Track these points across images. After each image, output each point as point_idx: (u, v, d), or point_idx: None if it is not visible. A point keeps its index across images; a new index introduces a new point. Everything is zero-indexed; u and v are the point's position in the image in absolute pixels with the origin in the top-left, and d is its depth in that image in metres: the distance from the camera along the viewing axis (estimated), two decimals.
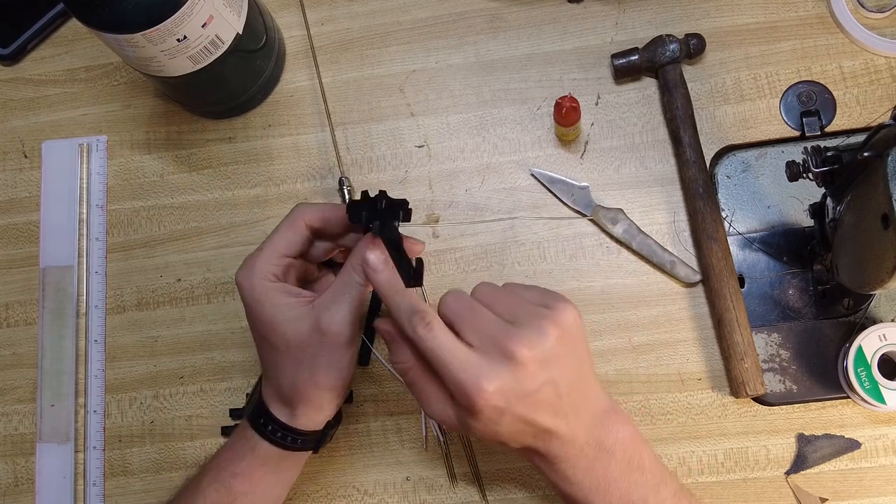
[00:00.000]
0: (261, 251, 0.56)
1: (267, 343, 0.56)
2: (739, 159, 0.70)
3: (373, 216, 0.54)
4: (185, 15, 0.60)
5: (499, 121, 0.73)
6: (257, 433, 0.57)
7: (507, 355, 0.48)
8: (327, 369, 0.55)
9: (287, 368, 0.55)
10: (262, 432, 0.56)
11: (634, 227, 0.69)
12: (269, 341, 0.56)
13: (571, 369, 0.51)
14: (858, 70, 0.70)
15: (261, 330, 0.56)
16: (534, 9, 0.74)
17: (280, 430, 0.56)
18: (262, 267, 0.55)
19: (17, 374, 0.74)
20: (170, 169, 0.76)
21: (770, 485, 0.66)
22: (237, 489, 0.56)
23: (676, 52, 0.69)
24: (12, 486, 0.72)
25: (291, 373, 0.55)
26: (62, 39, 0.79)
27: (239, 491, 0.56)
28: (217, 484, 0.56)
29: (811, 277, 0.67)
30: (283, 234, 0.56)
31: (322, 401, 0.56)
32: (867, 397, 0.62)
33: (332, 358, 0.55)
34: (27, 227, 0.76)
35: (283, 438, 0.56)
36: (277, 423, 0.56)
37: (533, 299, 0.52)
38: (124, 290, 0.74)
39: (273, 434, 0.56)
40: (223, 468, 0.57)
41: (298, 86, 0.76)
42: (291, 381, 0.55)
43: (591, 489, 0.52)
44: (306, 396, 0.56)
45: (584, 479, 0.52)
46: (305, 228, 0.57)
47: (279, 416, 0.56)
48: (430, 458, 0.69)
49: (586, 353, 0.53)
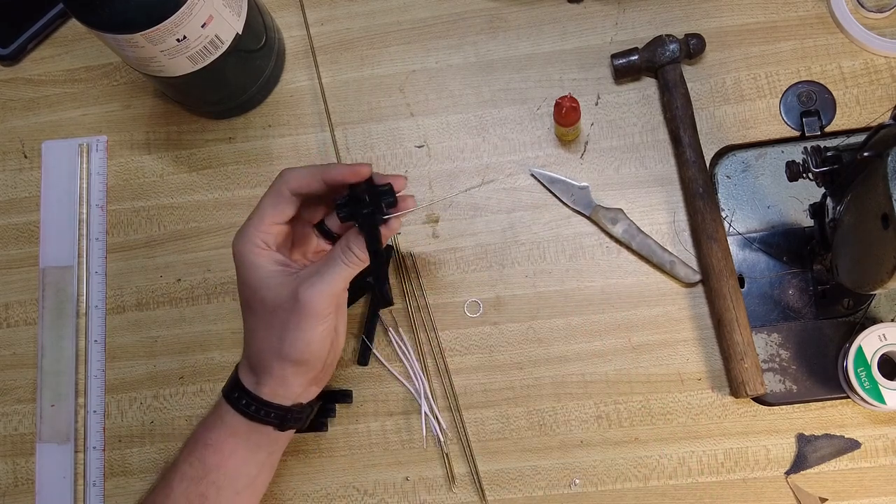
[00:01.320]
0: (250, 219, 0.58)
1: (248, 308, 0.58)
2: (739, 159, 0.70)
3: (357, 212, 0.58)
4: (184, 15, 0.60)
5: (499, 121, 0.73)
6: (227, 402, 0.58)
7: None
8: (293, 340, 0.56)
9: (259, 333, 0.57)
10: (230, 400, 0.58)
11: (634, 227, 0.69)
12: (250, 306, 0.58)
13: None
14: (858, 70, 0.70)
15: (245, 293, 0.58)
16: (534, 9, 0.74)
17: (244, 398, 0.57)
18: (252, 234, 0.57)
19: (17, 374, 0.74)
20: (170, 169, 0.76)
21: (770, 485, 0.66)
22: (209, 462, 0.57)
23: (676, 52, 0.69)
24: (12, 486, 0.72)
25: (261, 339, 0.57)
26: (62, 39, 0.79)
27: (211, 464, 0.57)
28: (192, 458, 0.57)
29: (811, 277, 0.67)
30: (268, 203, 0.58)
31: (285, 373, 0.57)
32: (867, 397, 0.62)
33: (301, 327, 0.55)
34: (27, 227, 0.76)
35: (246, 406, 0.57)
36: (244, 390, 0.57)
37: None
38: (124, 290, 0.74)
39: (238, 402, 0.57)
40: (197, 440, 0.58)
41: (298, 86, 0.76)
42: (259, 347, 0.57)
43: None
44: (269, 365, 0.57)
45: None
46: (290, 195, 0.58)
47: (247, 384, 0.57)
48: (430, 458, 0.69)
49: None
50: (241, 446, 0.58)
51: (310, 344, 0.56)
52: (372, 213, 0.58)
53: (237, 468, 0.58)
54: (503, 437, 0.68)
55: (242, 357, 0.60)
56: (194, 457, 0.57)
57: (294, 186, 0.58)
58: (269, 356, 0.56)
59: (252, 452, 0.58)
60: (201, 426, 0.59)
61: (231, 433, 0.57)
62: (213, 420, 0.58)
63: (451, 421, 0.69)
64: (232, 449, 0.57)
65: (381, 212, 0.58)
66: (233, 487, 0.57)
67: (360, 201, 0.58)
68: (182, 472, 0.57)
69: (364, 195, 0.58)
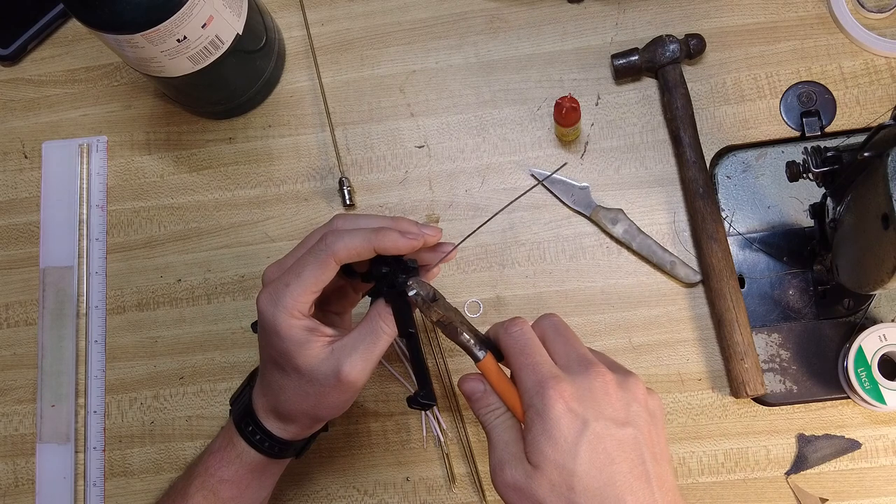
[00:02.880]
0: (288, 285, 0.52)
1: (277, 368, 0.54)
2: (739, 159, 0.70)
3: (381, 287, 0.54)
4: (184, 15, 0.60)
5: (499, 121, 0.73)
6: (245, 441, 0.57)
7: (586, 370, 0.49)
8: (331, 406, 0.55)
9: (290, 393, 0.54)
10: (250, 441, 0.56)
11: (634, 227, 0.69)
12: (280, 367, 0.54)
13: (653, 437, 0.49)
14: (858, 70, 0.70)
15: (274, 356, 0.54)
16: (534, 9, 0.74)
17: (268, 440, 0.56)
18: (289, 303, 0.52)
19: (17, 375, 0.74)
20: (170, 169, 0.76)
21: (770, 485, 0.66)
22: (224, 495, 0.56)
23: (676, 53, 0.69)
24: (12, 486, 0.72)
25: (295, 399, 0.54)
26: (62, 40, 0.79)
27: (226, 496, 0.56)
28: (205, 490, 0.56)
29: (811, 277, 0.67)
30: (311, 273, 0.52)
31: (317, 424, 0.57)
32: (867, 397, 0.62)
33: (341, 399, 0.54)
34: (27, 228, 0.76)
35: (270, 448, 0.56)
36: (266, 433, 0.56)
37: None
38: (124, 290, 0.74)
39: (261, 444, 0.56)
40: (211, 474, 0.57)
41: (298, 86, 0.76)
42: (293, 406, 0.55)
43: None
44: (303, 421, 0.56)
45: None
46: (336, 264, 0.53)
47: (270, 428, 0.56)
48: (430, 458, 0.69)
49: (664, 442, 0.50)
50: (257, 479, 0.58)
51: (345, 407, 0.56)
52: (397, 289, 0.53)
53: (251, 497, 0.58)
54: None
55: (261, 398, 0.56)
56: (208, 489, 0.56)
57: (342, 258, 0.52)
58: (305, 415, 0.55)
59: (265, 480, 0.59)
60: (215, 458, 0.57)
61: (249, 470, 0.57)
62: (230, 456, 0.57)
63: (451, 421, 0.69)
64: (248, 483, 0.57)
65: (405, 284, 0.53)
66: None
67: (382, 276, 0.54)
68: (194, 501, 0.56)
69: (387, 269, 0.54)
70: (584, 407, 0.47)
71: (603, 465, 0.47)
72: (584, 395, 0.48)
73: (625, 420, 0.48)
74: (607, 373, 0.49)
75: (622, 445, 0.47)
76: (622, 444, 0.47)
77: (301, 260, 0.53)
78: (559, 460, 0.47)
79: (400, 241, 0.52)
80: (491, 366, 0.52)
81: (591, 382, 0.48)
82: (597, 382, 0.48)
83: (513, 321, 0.53)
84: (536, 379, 0.49)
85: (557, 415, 0.47)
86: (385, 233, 0.53)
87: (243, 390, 0.60)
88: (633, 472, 0.47)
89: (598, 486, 0.46)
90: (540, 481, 0.47)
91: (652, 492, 0.47)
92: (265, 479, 0.59)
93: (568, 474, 0.47)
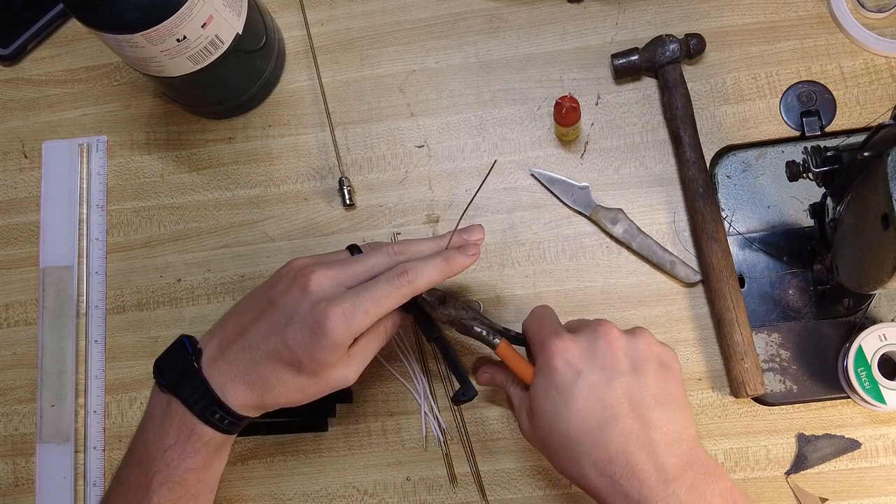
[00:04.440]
0: (367, 313, 0.53)
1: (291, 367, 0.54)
2: (739, 159, 0.70)
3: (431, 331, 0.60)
4: (184, 15, 0.60)
5: (499, 121, 0.73)
6: (212, 428, 0.55)
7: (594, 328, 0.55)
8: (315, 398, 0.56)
9: (290, 388, 0.55)
10: (219, 427, 0.55)
11: (634, 227, 0.69)
12: (297, 368, 0.54)
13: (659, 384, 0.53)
14: (858, 70, 0.70)
15: (303, 360, 0.53)
16: (534, 9, 0.74)
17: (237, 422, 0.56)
18: (360, 328, 0.53)
19: (17, 375, 0.74)
20: (170, 169, 0.76)
21: (770, 485, 0.66)
22: (190, 481, 0.56)
23: (676, 52, 0.69)
24: (12, 486, 0.72)
25: (290, 392, 0.55)
26: (62, 39, 0.79)
27: (192, 482, 0.56)
28: (170, 483, 0.55)
29: (811, 277, 0.67)
30: (392, 304, 0.54)
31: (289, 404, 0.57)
32: (867, 397, 0.62)
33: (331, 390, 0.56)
34: (27, 228, 0.76)
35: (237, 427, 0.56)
36: (237, 416, 0.55)
37: None
38: (124, 290, 0.74)
39: (230, 427, 0.56)
40: (174, 467, 0.55)
41: (298, 86, 0.76)
42: (285, 398, 0.55)
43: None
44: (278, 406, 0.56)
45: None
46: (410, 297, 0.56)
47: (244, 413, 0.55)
48: (430, 458, 0.69)
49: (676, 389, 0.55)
50: (220, 455, 0.58)
51: None
52: None
53: (214, 476, 0.58)
54: (503, 437, 0.68)
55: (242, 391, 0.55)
56: (174, 482, 0.55)
57: (420, 290, 0.55)
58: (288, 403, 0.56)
59: (226, 452, 0.59)
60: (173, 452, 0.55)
61: (215, 451, 0.56)
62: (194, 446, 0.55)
63: (451, 421, 0.69)
64: (212, 462, 0.57)
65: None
66: (209, 490, 0.58)
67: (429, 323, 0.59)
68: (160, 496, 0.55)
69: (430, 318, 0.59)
70: (581, 359, 0.54)
71: (593, 409, 0.52)
72: (584, 348, 0.54)
73: (625, 370, 0.53)
74: (613, 329, 0.54)
75: (614, 391, 0.52)
76: (615, 390, 0.52)
77: (379, 289, 0.54)
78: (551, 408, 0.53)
79: (468, 261, 0.57)
80: (506, 349, 0.58)
81: (595, 338, 0.54)
82: (600, 337, 0.54)
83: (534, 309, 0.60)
84: (540, 339, 0.56)
85: (553, 366, 0.54)
86: (454, 259, 0.57)
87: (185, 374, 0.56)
88: (629, 415, 0.52)
89: (588, 429, 0.52)
90: (538, 427, 0.54)
91: (647, 432, 0.51)
92: (226, 451, 0.59)
93: (561, 420, 0.53)
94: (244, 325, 0.56)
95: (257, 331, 0.55)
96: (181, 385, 0.55)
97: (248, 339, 0.55)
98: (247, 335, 0.55)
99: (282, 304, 0.54)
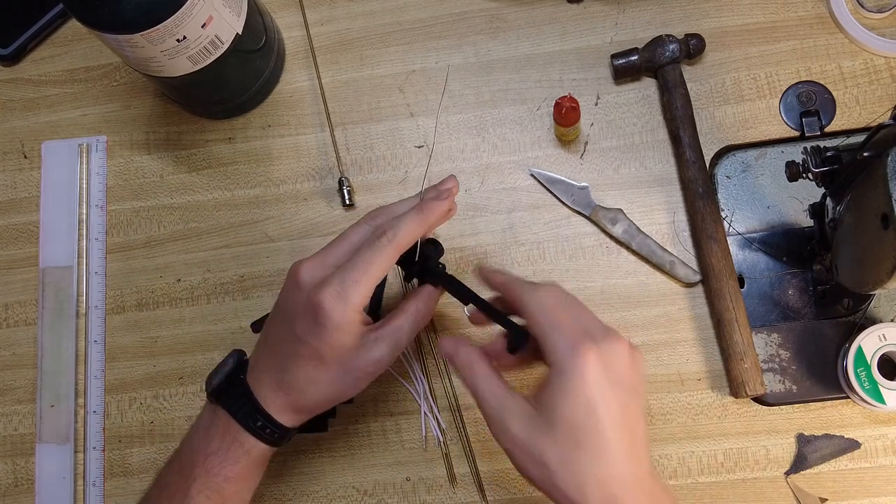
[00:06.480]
0: (357, 283, 0.53)
1: (315, 361, 0.54)
2: (739, 159, 0.70)
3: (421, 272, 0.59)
4: (184, 15, 0.60)
5: (498, 121, 0.73)
6: (254, 436, 0.56)
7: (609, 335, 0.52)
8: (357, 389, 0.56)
9: (322, 384, 0.55)
10: (260, 436, 0.56)
11: (634, 227, 0.69)
12: (320, 361, 0.54)
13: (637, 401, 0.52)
14: (858, 70, 0.70)
15: (321, 351, 0.54)
16: (534, 9, 0.74)
17: (278, 432, 0.56)
18: (358, 301, 0.53)
19: (17, 375, 0.74)
20: (169, 169, 0.76)
21: (770, 485, 0.66)
22: (229, 490, 0.56)
23: (676, 53, 0.69)
24: (12, 486, 0.72)
25: (325, 389, 0.55)
26: (62, 39, 0.79)
27: (231, 492, 0.56)
28: (208, 491, 0.56)
29: (811, 277, 0.67)
30: (380, 266, 0.54)
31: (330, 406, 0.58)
32: (867, 397, 0.62)
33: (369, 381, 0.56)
34: (27, 228, 0.76)
35: (280, 438, 0.57)
36: (279, 426, 0.56)
37: None
38: (124, 290, 0.74)
39: (272, 436, 0.56)
40: (214, 475, 0.56)
41: (298, 86, 0.76)
42: (321, 396, 0.56)
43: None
44: (322, 408, 0.57)
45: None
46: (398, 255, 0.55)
47: (283, 421, 0.56)
48: (430, 458, 0.69)
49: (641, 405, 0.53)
50: (260, 468, 0.58)
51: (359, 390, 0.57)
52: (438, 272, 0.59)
53: (250, 489, 0.59)
54: None
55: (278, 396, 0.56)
56: (212, 490, 0.56)
57: (405, 245, 0.55)
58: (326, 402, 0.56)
59: (264, 467, 0.59)
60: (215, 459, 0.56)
61: (257, 463, 0.57)
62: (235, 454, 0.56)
63: (450, 421, 0.69)
64: (251, 474, 0.58)
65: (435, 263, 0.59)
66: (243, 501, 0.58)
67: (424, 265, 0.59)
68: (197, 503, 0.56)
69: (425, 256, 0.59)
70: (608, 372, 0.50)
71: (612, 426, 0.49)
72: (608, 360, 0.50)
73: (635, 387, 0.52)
74: (623, 340, 0.52)
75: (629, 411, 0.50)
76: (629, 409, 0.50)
77: (362, 256, 0.54)
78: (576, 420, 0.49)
79: (442, 205, 0.56)
80: None
81: (614, 349, 0.51)
82: (617, 350, 0.51)
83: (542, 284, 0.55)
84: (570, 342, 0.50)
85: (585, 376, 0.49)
86: (430, 206, 0.56)
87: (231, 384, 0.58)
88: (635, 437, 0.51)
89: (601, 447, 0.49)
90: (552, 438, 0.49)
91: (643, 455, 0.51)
92: (264, 465, 0.59)
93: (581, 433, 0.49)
94: (268, 333, 0.58)
95: (276, 336, 0.57)
96: (226, 394, 0.57)
97: (272, 345, 0.57)
98: (269, 342, 0.58)
99: (284, 304, 0.57)
